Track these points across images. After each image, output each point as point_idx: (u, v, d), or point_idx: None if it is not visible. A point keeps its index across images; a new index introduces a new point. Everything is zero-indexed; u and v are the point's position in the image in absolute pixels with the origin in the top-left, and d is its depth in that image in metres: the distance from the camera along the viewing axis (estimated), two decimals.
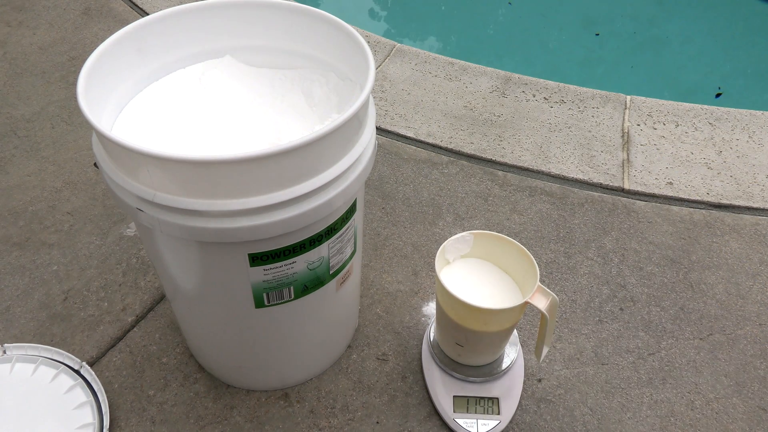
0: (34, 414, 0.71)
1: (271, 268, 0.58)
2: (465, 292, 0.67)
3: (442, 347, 0.78)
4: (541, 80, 1.34)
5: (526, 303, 0.66)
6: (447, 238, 0.73)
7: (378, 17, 2.24)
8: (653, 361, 0.83)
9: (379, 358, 0.82)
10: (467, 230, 0.75)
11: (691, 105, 1.28)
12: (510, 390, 0.76)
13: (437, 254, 0.71)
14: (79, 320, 0.84)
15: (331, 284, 0.66)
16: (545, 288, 0.66)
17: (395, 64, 1.37)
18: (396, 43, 1.44)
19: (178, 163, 0.48)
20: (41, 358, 0.76)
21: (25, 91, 1.25)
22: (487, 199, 1.06)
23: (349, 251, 0.66)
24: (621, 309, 0.89)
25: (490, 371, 0.76)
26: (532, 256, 0.69)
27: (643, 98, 1.30)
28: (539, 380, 0.80)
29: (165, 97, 0.64)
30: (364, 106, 0.55)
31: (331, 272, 0.64)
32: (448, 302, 0.69)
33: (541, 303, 0.65)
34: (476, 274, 0.73)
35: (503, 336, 0.72)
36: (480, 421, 0.73)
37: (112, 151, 0.52)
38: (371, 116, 0.60)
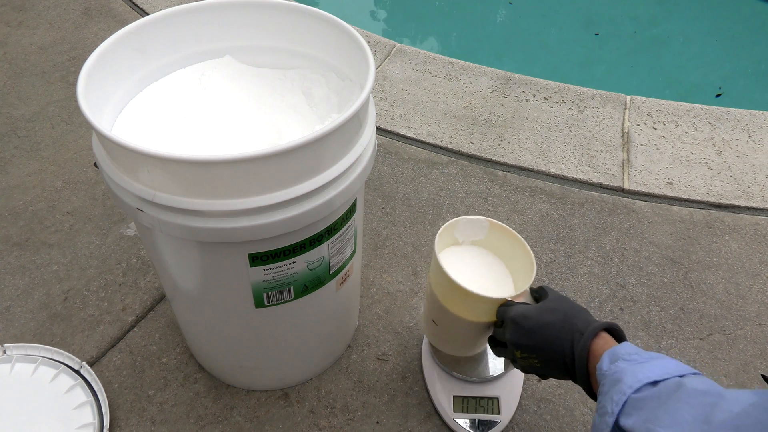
0: (34, 414, 0.71)
1: (271, 268, 0.58)
2: (457, 272, 0.65)
3: (423, 320, 0.77)
4: (541, 80, 1.34)
5: (506, 301, 0.63)
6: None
7: (378, 17, 2.24)
8: None
9: (379, 358, 0.82)
10: (470, 210, 0.73)
11: (691, 105, 1.28)
12: (510, 390, 0.76)
13: (443, 227, 0.69)
14: (79, 320, 0.84)
15: (331, 284, 0.66)
16: (531, 295, 0.64)
17: (395, 64, 1.37)
18: (396, 43, 1.44)
19: (179, 163, 0.48)
20: (41, 358, 0.76)
21: (25, 91, 1.25)
22: (487, 199, 1.06)
23: (349, 251, 0.66)
24: (621, 309, 0.89)
25: (490, 371, 0.76)
26: (534, 261, 0.67)
27: (643, 98, 1.30)
28: (539, 380, 0.80)
29: (165, 97, 0.64)
30: (364, 106, 0.55)
31: (331, 272, 0.64)
32: (436, 274, 0.67)
33: None
34: (478, 263, 0.72)
35: (477, 331, 0.69)
36: (480, 421, 0.73)
37: (112, 151, 0.52)
38: (371, 116, 0.60)
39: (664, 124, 1.23)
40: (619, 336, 0.55)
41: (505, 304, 0.62)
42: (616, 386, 0.47)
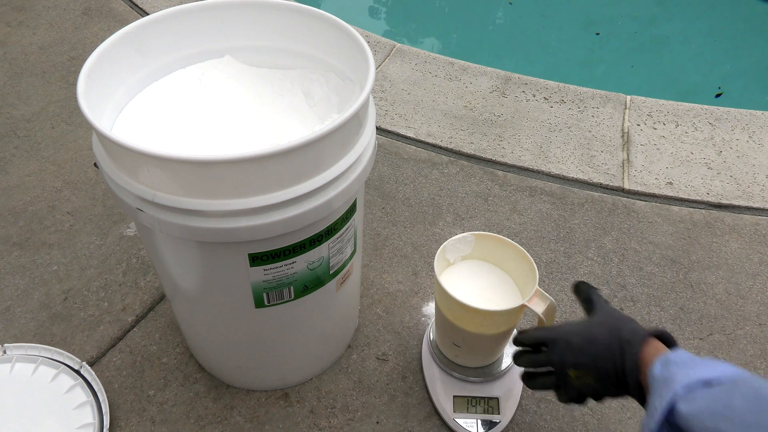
0: (34, 414, 0.71)
1: (271, 268, 0.58)
2: (463, 292, 0.67)
3: (440, 347, 0.78)
4: (541, 80, 1.34)
5: (524, 306, 0.65)
6: (447, 238, 0.73)
7: (378, 17, 2.23)
8: None
9: (379, 358, 0.82)
10: (468, 230, 0.75)
11: (691, 105, 1.28)
12: (510, 390, 0.76)
13: (437, 254, 0.71)
14: (79, 320, 0.84)
15: (331, 284, 0.66)
16: (543, 292, 0.65)
17: (395, 64, 1.37)
18: (396, 43, 1.44)
19: (179, 163, 0.48)
20: (41, 358, 0.76)
21: (25, 91, 1.25)
22: (487, 199, 1.06)
23: (349, 251, 0.66)
24: (621, 309, 0.89)
25: (491, 371, 0.76)
26: (532, 259, 0.68)
27: (643, 98, 1.30)
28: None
29: (165, 97, 0.64)
30: (364, 106, 0.55)
31: (331, 272, 0.64)
32: (445, 302, 0.69)
33: (539, 307, 0.65)
34: (477, 276, 0.73)
35: (500, 339, 0.72)
36: (480, 421, 0.73)
37: (112, 151, 0.52)
38: (371, 116, 0.60)
39: (664, 124, 1.23)
40: (668, 341, 0.54)
41: (542, 328, 0.62)
42: (667, 386, 0.46)
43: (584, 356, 0.55)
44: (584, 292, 0.62)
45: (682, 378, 0.45)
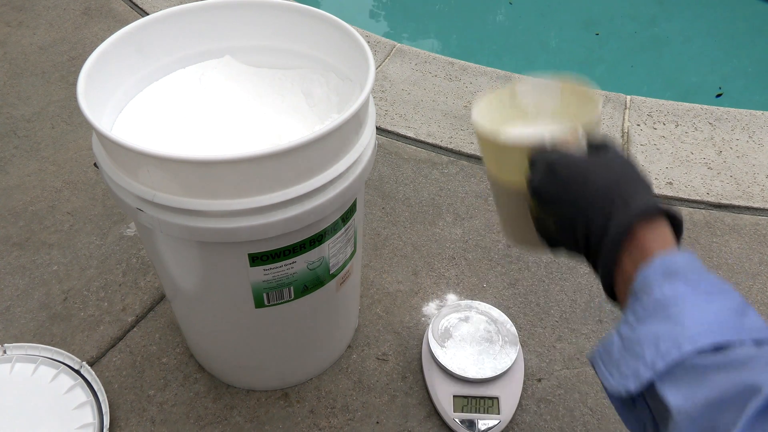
0: (34, 414, 0.71)
1: (271, 268, 0.58)
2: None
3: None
4: None
5: (536, 148, 0.46)
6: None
7: (378, 17, 2.23)
8: None
9: (379, 358, 0.82)
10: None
11: (691, 105, 1.28)
12: (510, 390, 0.76)
13: (499, 91, 0.54)
14: (79, 320, 0.84)
15: (331, 284, 0.66)
16: (582, 136, 0.47)
17: (395, 64, 1.37)
18: (396, 43, 1.44)
19: (179, 163, 0.48)
20: (41, 358, 0.76)
21: (25, 91, 1.25)
22: (487, 199, 1.05)
23: (349, 251, 0.66)
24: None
25: (490, 371, 0.76)
26: (593, 95, 0.50)
27: (643, 98, 1.30)
28: (539, 380, 0.80)
29: (165, 97, 0.64)
30: (364, 106, 0.55)
31: (331, 272, 0.64)
32: (476, 130, 0.52)
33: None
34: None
35: (520, 202, 0.50)
36: (480, 421, 0.73)
37: (112, 151, 0.52)
38: (371, 116, 0.60)
39: (664, 124, 1.23)
40: (678, 228, 0.39)
41: (545, 147, 0.45)
42: (668, 325, 0.34)
43: (559, 194, 0.42)
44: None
45: (691, 326, 0.33)
